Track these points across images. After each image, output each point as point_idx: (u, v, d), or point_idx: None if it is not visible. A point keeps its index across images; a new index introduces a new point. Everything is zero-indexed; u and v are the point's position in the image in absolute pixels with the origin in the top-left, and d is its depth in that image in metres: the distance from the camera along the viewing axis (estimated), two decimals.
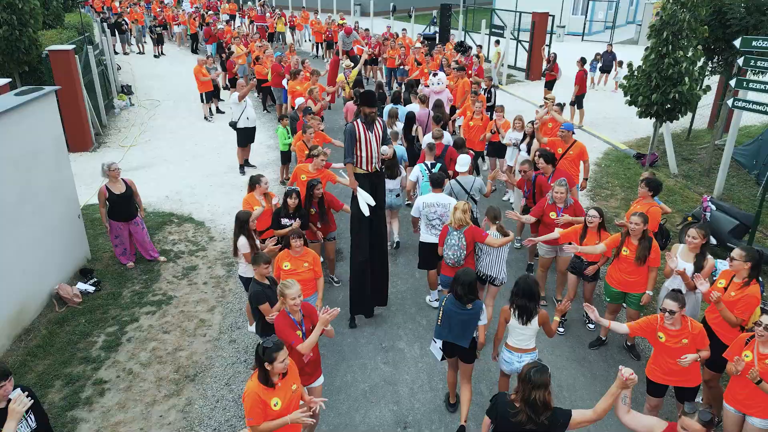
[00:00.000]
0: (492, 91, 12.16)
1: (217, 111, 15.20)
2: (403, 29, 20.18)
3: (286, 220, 6.43)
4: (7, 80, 8.95)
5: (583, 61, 13.76)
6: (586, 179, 8.38)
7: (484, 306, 4.87)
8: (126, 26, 23.02)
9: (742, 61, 8.04)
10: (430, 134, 8.26)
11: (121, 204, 7.45)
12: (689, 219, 8.11)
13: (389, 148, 6.19)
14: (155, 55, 22.80)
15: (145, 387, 5.59)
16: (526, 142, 9.00)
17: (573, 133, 8.08)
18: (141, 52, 23.46)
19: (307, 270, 5.53)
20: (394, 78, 16.55)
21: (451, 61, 13.85)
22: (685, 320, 4.45)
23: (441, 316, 4.79)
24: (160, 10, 26.20)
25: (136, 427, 5.12)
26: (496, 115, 9.67)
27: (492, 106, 11.52)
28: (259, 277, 5.04)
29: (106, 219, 7.46)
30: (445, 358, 5.07)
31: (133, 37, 23.82)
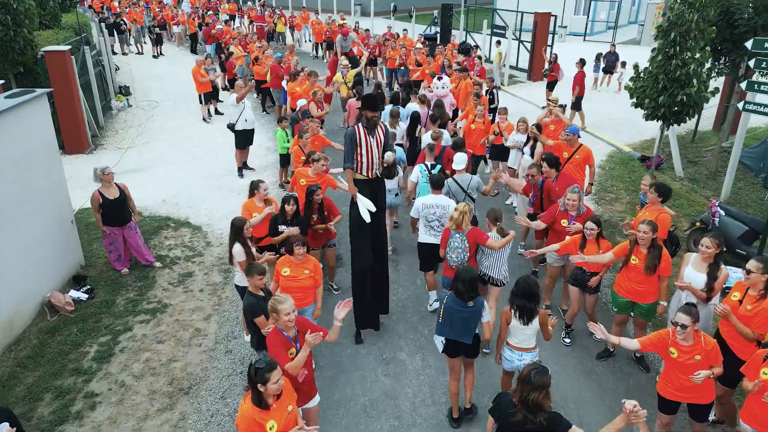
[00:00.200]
0: (494, 92, 11.97)
1: (216, 112, 15.01)
2: (404, 29, 19.98)
3: (283, 227, 6.23)
4: (0, 82, 8.77)
5: (582, 62, 13.56)
6: (592, 184, 8.18)
7: (486, 303, 4.83)
8: (125, 26, 22.84)
9: (753, 63, 7.83)
10: (429, 134, 8.18)
11: (115, 209, 7.28)
12: (697, 224, 7.92)
13: (392, 155, 6.06)
14: (154, 56, 22.62)
15: (138, 400, 5.40)
16: (530, 145, 8.81)
17: (579, 136, 7.89)
18: (140, 53, 23.29)
19: (308, 277, 5.36)
20: (395, 79, 16.35)
21: (453, 62, 13.64)
22: (698, 335, 4.26)
23: (442, 313, 4.74)
24: (159, 10, 26.03)
25: None
26: (499, 118, 9.47)
27: (494, 108, 11.33)
28: (254, 289, 4.85)
29: (102, 225, 7.28)
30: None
31: (132, 38, 23.64)
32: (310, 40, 24.62)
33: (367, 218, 5.80)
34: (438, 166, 7.39)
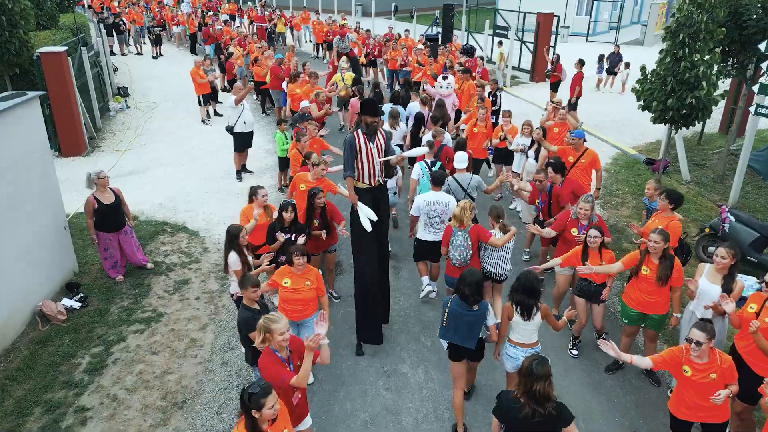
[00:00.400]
0: (498, 94, 11.78)
1: (215, 114, 14.82)
2: (406, 30, 19.77)
3: (281, 234, 6.04)
4: None
5: (581, 63, 13.36)
6: (599, 188, 7.99)
7: (490, 306, 4.76)
8: (124, 26, 22.65)
9: (766, 65, 7.63)
10: (430, 133, 8.10)
11: (110, 214, 7.10)
12: (706, 231, 7.72)
13: (399, 157, 6.01)
14: (153, 56, 22.42)
15: (130, 415, 5.21)
16: (534, 149, 8.61)
17: (584, 140, 7.69)
18: (139, 53, 23.10)
19: (310, 289, 5.16)
20: (396, 79, 16.15)
21: (455, 63, 13.44)
22: (713, 352, 4.07)
23: (446, 317, 4.67)
24: (158, 10, 25.84)
25: None
26: (503, 120, 9.25)
27: (498, 110, 11.14)
28: (248, 302, 4.64)
29: (93, 232, 7.10)
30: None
31: (131, 38, 23.45)
32: (310, 41, 24.43)
33: (369, 227, 5.60)
34: (438, 163, 7.36)
